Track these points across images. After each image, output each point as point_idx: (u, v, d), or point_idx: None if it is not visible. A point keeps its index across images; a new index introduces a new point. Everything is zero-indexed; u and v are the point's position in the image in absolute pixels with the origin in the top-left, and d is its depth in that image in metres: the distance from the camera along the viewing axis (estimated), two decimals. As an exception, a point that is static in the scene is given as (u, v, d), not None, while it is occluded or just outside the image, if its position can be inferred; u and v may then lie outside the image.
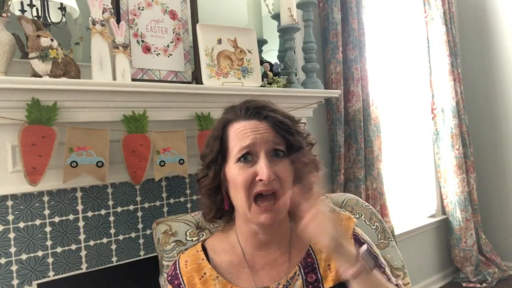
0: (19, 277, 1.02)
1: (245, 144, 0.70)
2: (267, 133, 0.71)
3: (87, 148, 1.03)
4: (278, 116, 0.73)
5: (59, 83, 0.96)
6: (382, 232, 1.12)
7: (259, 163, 0.69)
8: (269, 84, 1.42)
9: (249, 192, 0.69)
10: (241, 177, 0.70)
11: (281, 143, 0.72)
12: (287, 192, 0.71)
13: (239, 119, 0.74)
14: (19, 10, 1.12)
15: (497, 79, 2.78)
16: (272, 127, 0.72)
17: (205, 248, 0.80)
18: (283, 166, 0.71)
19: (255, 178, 0.69)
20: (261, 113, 0.73)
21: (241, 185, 0.69)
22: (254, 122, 0.73)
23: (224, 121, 0.76)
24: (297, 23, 1.47)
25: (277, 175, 0.69)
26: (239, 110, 0.75)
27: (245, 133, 0.71)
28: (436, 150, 2.72)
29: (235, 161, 0.71)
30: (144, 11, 1.23)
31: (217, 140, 0.75)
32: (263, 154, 0.70)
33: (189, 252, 0.80)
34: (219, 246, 0.80)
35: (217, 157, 0.74)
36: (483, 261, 2.68)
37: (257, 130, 0.71)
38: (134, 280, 1.20)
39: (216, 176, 0.75)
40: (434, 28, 2.63)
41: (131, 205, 1.21)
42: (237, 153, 0.71)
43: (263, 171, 0.68)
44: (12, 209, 1.01)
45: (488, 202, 2.86)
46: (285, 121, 0.73)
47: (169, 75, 1.26)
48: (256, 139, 0.70)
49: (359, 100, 1.94)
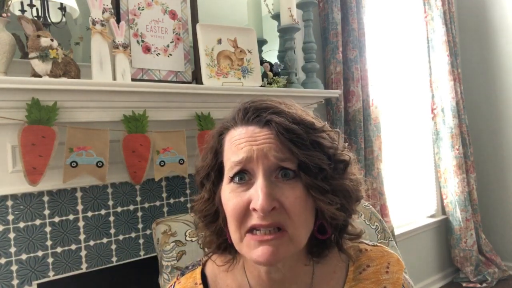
0: (19, 277, 1.02)
1: (237, 160, 0.52)
2: (268, 144, 0.51)
3: (87, 148, 1.03)
4: (284, 121, 0.52)
5: (59, 83, 0.96)
6: (382, 232, 1.12)
7: (255, 185, 0.51)
8: (269, 84, 1.42)
9: (242, 225, 0.52)
10: (231, 203, 0.52)
11: (290, 159, 0.51)
12: (301, 227, 0.52)
13: (236, 125, 0.56)
14: (19, 10, 1.12)
15: (497, 79, 2.78)
16: (276, 136, 0.52)
17: (205, 279, 0.63)
18: (292, 191, 0.51)
19: (249, 206, 0.51)
20: (261, 117, 0.53)
21: (231, 215, 0.52)
22: (253, 129, 0.54)
23: (221, 128, 0.59)
24: (297, 23, 1.47)
25: (283, 204, 0.50)
26: (237, 113, 0.57)
27: (239, 143, 0.53)
28: (436, 150, 2.72)
29: (228, 181, 0.54)
30: (144, 11, 1.23)
31: (211, 152, 0.59)
32: (260, 174, 0.51)
33: (186, 283, 0.63)
34: (223, 281, 0.62)
35: (210, 173, 0.58)
36: (483, 261, 2.68)
37: (255, 140, 0.52)
38: (134, 280, 1.20)
39: (211, 198, 0.58)
40: (434, 28, 2.63)
41: (131, 205, 1.21)
42: (229, 170, 0.54)
43: (258, 196, 0.49)
44: (12, 209, 1.01)
45: (488, 202, 2.86)
46: (293, 128, 0.52)
47: (169, 75, 1.26)
48: (251, 152, 0.51)
49: (359, 100, 1.94)
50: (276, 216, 0.50)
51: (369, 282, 0.59)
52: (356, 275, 0.60)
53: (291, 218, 0.51)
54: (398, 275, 0.60)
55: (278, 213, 0.50)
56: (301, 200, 0.51)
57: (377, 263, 0.61)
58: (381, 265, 0.61)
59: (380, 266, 0.61)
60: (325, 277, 0.60)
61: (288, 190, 0.51)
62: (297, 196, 0.51)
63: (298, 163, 0.52)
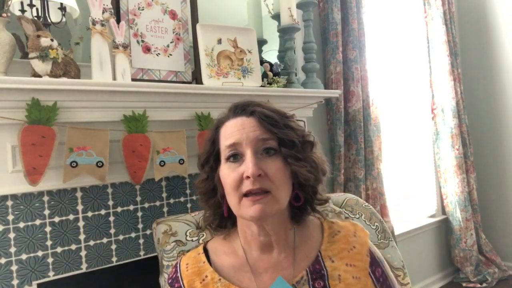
0: (19, 277, 1.02)
1: (230, 143, 0.69)
2: (253, 131, 0.69)
3: (87, 148, 1.03)
4: (264, 111, 0.71)
5: (59, 83, 0.96)
6: (382, 232, 1.12)
7: (245, 161, 0.67)
8: (269, 84, 1.42)
9: (239, 191, 0.68)
10: (230, 177, 0.68)
11: (271, 139, 0.69)
12: (282, 189, 0.68)
13: (229, 118, 0.74)
14: (19, 10, 1.12)
15: (497, 79, 2.78)
16: (259, 122, 0.70)
17: (207, 251, 0.78)
18: (273, 163, 0.68)
19: (243, 177, 0.67)
20: (247, 109, 0.72)
21: (230, 185, 0.68)
22: (241, 118, 0.71)
23: (217, 122, 0.76)
24: (297, 23, 1.47)
25: (267, 173, 0.67)
26: (230, 110, 0.75)
27: (231, 131, 0.70)
28: (436, 150, 2.72)
29: (225, 161, 0.71)
30: (144, 11, 1.23)
31: (209, 142, 0.75)
32: (249, 152, 0.67)
33: (190, 255, 0.78)
34: (221, 249, 0.78)
35: (209, 158, 0.74)
36: (483, 261, 2.68)
37: (243, 127, 0.70)
38: (134, 280, 1.20)
39: (209, 178, 0.75)
40: (434, 28, 2.63)
41: (131, 205, 1.21)
42: (224, 153, 0.71)
43: (248, 167, 0.65)
44: (12, 209, 1.01)
45: (488, 202, 2.86)
46: (271, 115, 0.70)
47: (169, 75, 1.26)
48: (241, 137, 0.69)
49: (359, 100, 1.94)
50: (262, 182, 0.66)
51: (340, 243, 0.75)
52: (330, 238, 0.76)
53: (274, 183, 0.67)
54: (364, 239, 0.76)
55: (263, 180, 0.66)
56: (281, 169, 0.68)
57: (347, 230, 0.77)
58: (350, 231, 0.77)
59: (349, 231, 0.77)
60: (305, 238, 0.76)
61: (270, 163, 0.68)
62: (278, 167, 0.68)
63: (278, 141, 0.69)
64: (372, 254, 0.75)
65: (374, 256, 0.75)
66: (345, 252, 0.73)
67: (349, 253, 0.73)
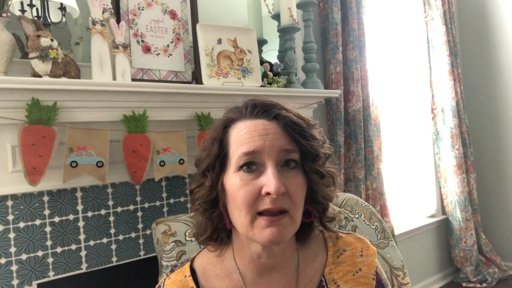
0: (19, 277, 1.02)
1: (249, 150, 0.57)
2: (277, 139, 0.58)
3: (87, 148, 1.03)
4: (291, 116, 0.60)
5: (59, 83, 0.96)
6: (381, 232, 1.12)
7: (266, 173, 0.56)
8: (269, 84, 1.42)
9: (253, 210, 0.56)
10: (243, 190, 0.56)
11: (295, 151, 0.59)
12: (299, 209, 0.59)
13: (243, 118, 0.61)
14: (19, 10, 1.12)
15: (497, 79, 2.78)
16: (283, 129, 0.59)
17: (194, 271, 0.66)
18: (295, 179, 0.58)
19: (260, 192, 0.56)
20: (270, 111, 0.60)
21: (243, 200, 0.56)
22: (262, 122, 0.59)
23: (226, 121, 0.63)
24: (297, 23, 1.47)
25: (288, 190, 0.56)
26: (244, 107, 0.62)
27: (250, 136, 0.58)
28: (436, 150, 2.72)
29: (236, 170, 0.58)
30: (144, 11, 1.23)
31: (216, 142, 0.62)
32: (271, 164, 0.56)
33: (176, 278, 0.65)
34: (212, 270, 0.66)
35: (215, 163, 0.61)
36: (483, 261, 2.68)
37: (266, 133, 0.58)
38: (134, 280, 1.20)
39: (213, 186, 0.62)
40: (434, 28, 2.63)
41: (131, 205, 1.21)
42: (239, 160, 0.58)
43: (271, 182, 0.54)
44: (12, 209, 1.02)
45: (488, 202, 2.86)
46: (298, 122, 0.60)
47: (169, 75, 1.26)
48: (263, 145, 0.57)
49: (359, 100, 1.94)
50: (283, 201, 0.56)
51: (346, 265, 0.67)
52: (335, 258, 0.67)
53: (293, 202, 0.57)
54: (372, 259, 0.69)
55: (284, 198, 0.56)
56: (302, 186, 0.60)
57: (353, 248, 0.69)
58: (356, 249, 0.69)
59: (355, 250, 0.69)
60: (309, 260, 0.67)
61: (292, 178, 0.58)
62: (299, 183, 0.59)
63: (301, 154, 0.59)
64: (378, 277, 0.68)
65: (380, 279, 0.69)
66: (350, 275, 0.66)
67: (354, 276, 0.66)
